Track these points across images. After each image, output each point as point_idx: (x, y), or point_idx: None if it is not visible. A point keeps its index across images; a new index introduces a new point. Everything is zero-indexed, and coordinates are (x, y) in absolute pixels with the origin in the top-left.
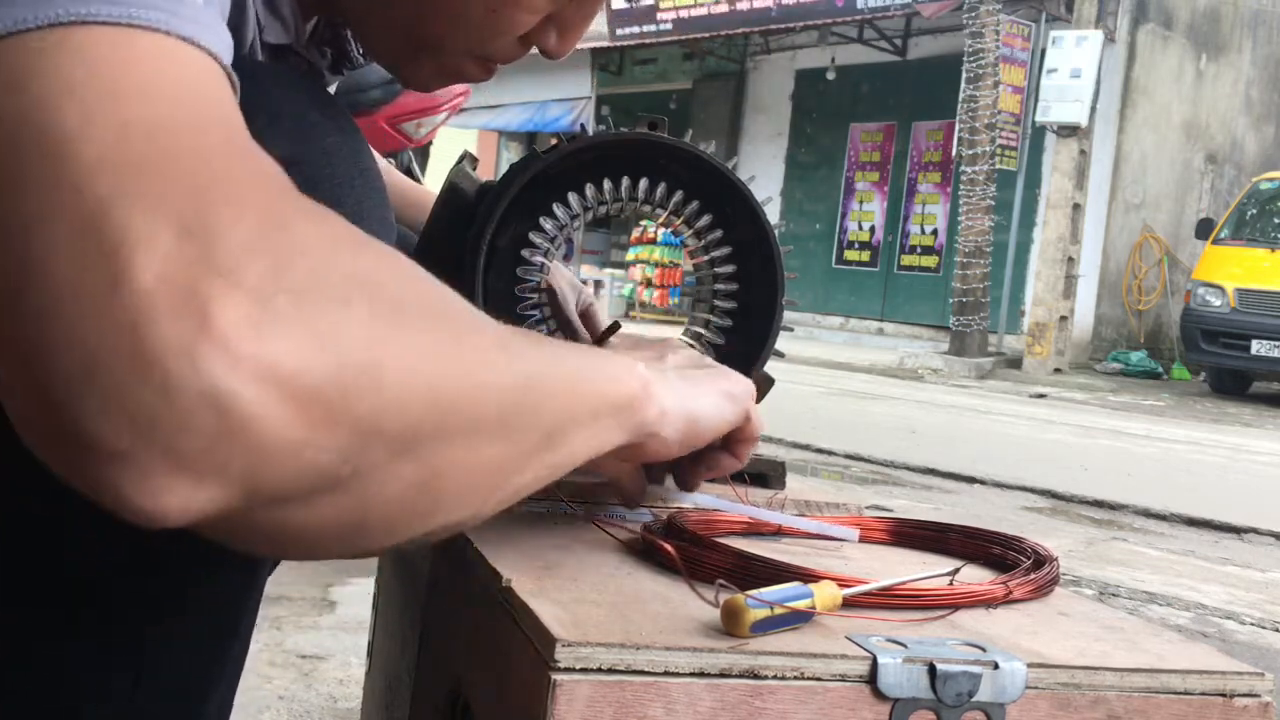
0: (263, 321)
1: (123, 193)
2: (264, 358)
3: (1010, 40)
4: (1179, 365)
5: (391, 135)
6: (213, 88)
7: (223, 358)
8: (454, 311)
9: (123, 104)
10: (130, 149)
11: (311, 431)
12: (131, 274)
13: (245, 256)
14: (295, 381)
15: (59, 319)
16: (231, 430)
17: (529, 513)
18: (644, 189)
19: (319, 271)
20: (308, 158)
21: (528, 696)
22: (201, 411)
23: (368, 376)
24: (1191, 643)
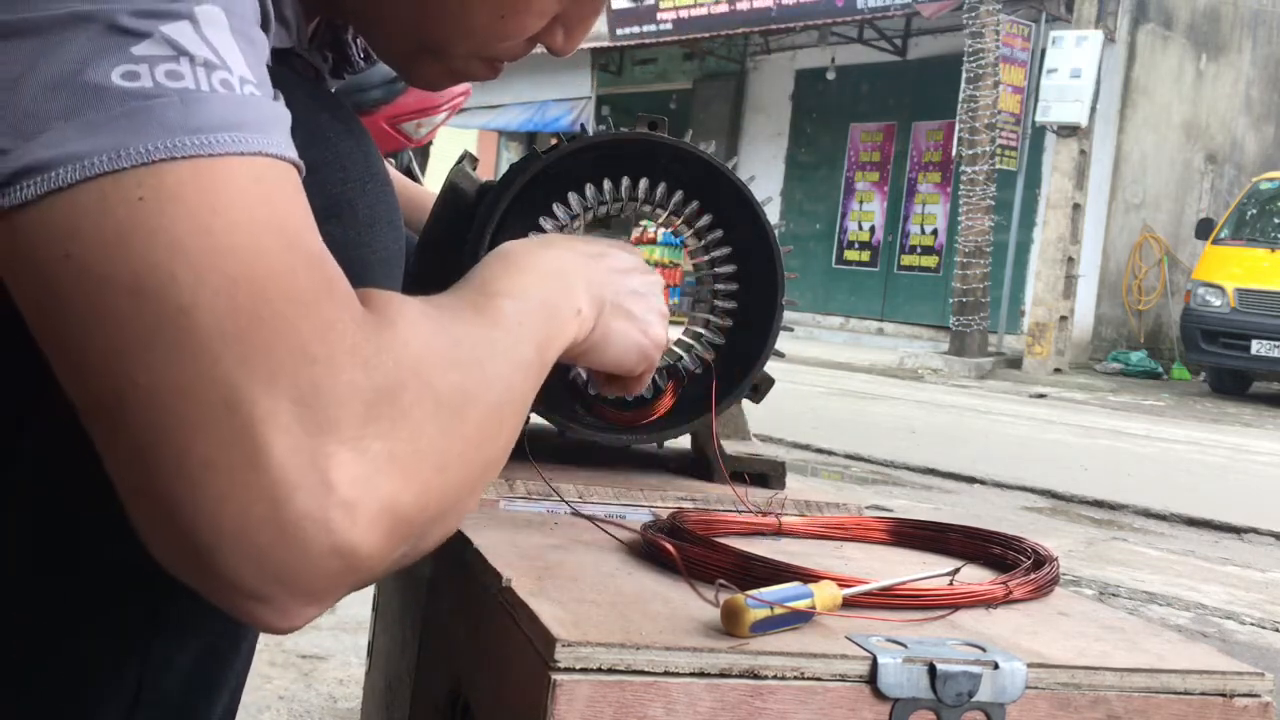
0: (366, 472)
1: (244, 367)
2: (373, 506)
3: (1010, 40)
4: (1179, 365)
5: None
6: (290, 204)
7: (346, 517)
8: (483, 374)
9: (225, 259)
10: (241, 313)
11: (401, 544)
12: (266, 452)
13: (345, 409)
14: (393, 515)
15: (205, 491)
16: (351, 567)
17: (529, 513)
18: (644, 189)
19: (394, 403)
20: (322, 163)
21: (528, 696)
22: (331, 561)
23: (437, 486)
24: (1191, 643)
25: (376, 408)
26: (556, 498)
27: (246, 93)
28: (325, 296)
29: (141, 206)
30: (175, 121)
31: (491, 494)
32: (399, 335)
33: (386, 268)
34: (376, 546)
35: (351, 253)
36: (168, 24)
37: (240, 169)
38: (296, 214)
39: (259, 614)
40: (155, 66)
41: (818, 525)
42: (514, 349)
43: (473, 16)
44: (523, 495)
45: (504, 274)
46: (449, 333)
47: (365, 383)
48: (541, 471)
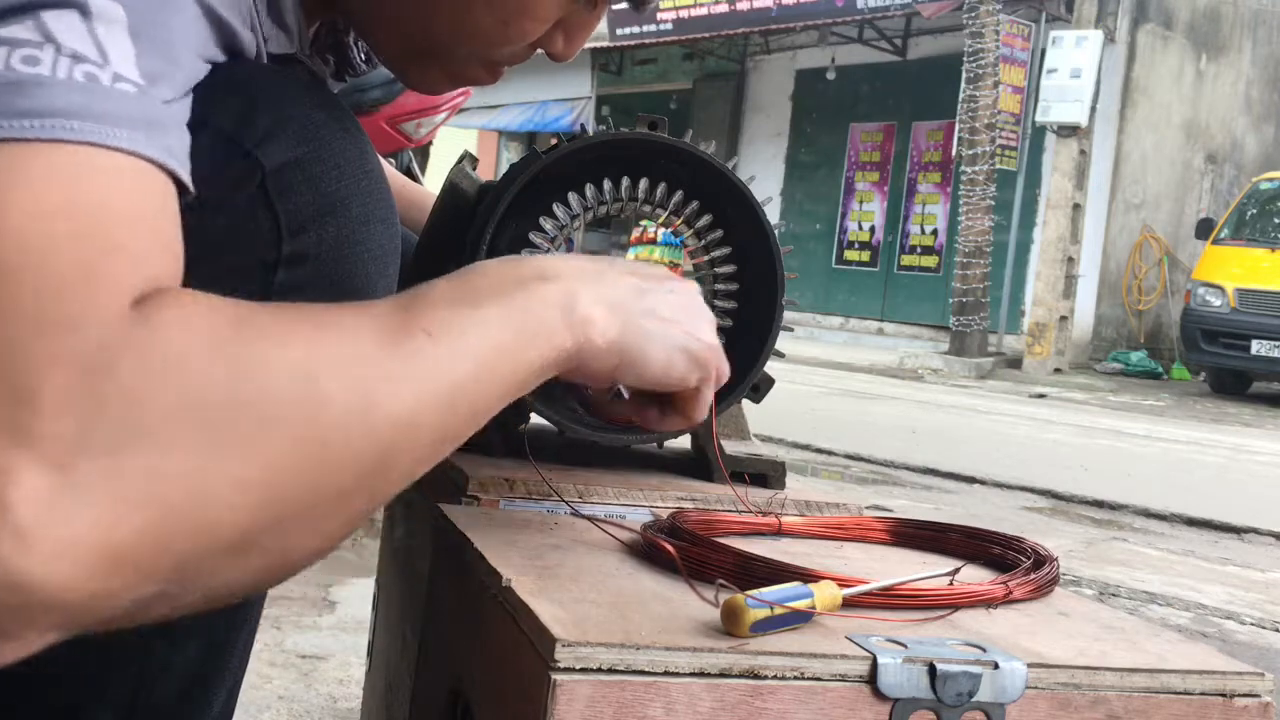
0: (62, 497)
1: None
2: (61, 536)
3: (1010, 40)
4: (1179, 365)
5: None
6: (105, 197)
7: (17, 546)
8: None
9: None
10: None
11: (125, 580)
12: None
13: (50, 419)
14: (100, 547)
15: None
16: (37, 604)
17: (529, 513)
18: (644, 189)
19: (135, 416)
20: (315, 160)
21: (528, 696)
22: (3, 595)
23: (190, 515)
24: (1191, 643)
25: (99, 420)
26: (556, 498)
27: (116, 88)
28: (80, 289)
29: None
30: (5, 104)
31: (491, 494)
32: (165, 336)
33: (381, 265)
34: (73, 581)
35: (346, 250)
36: (52, 10)
37: (57, 155)
38: (111, 204)
39: None
40: (15, 49)
41: (818, 525)
42: (408, 362)
43: (475, 20)
44: (523, 495)
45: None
46: (271, 337)
47: (86, 390)
48: (541, 471)
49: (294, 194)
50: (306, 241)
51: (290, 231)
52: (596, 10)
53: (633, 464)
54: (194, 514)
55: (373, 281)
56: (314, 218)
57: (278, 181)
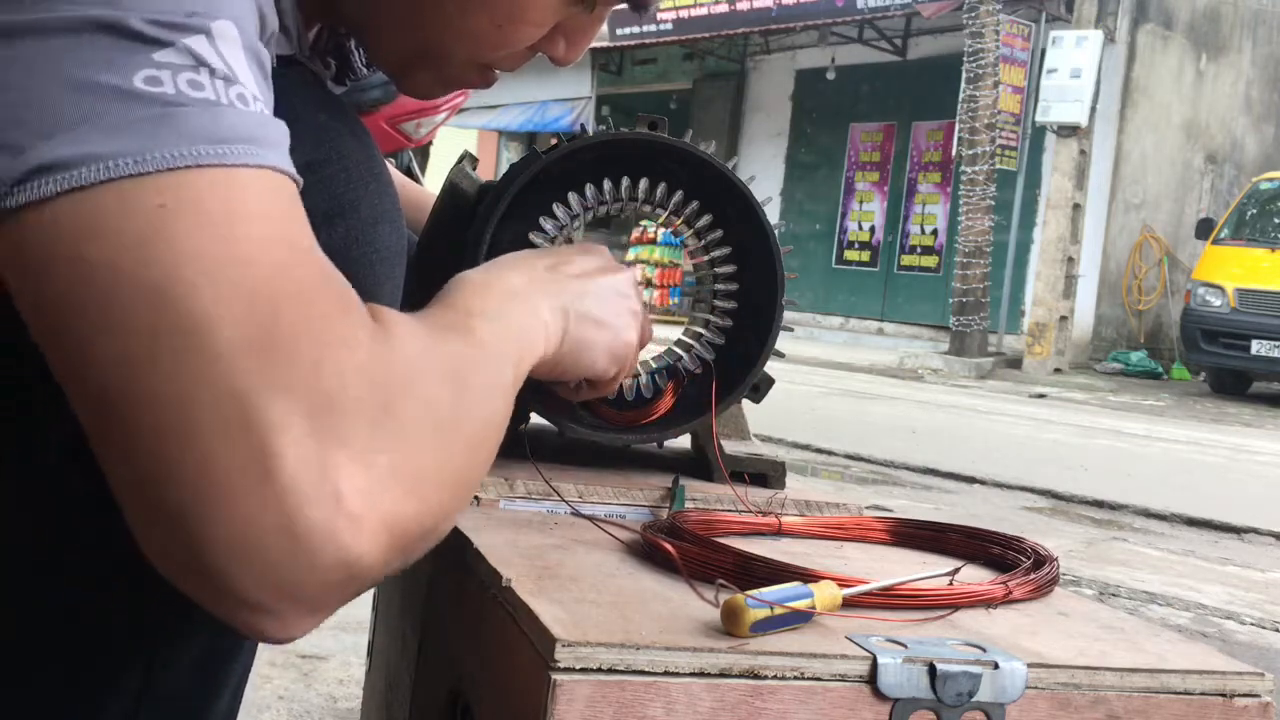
0: (371, 485)
1: (260, 378)
2: (377, 519)
3: (1010, 40)
4: (1179, 365)
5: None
6: (299, 221)
7: (352, 529)
8: (470, 396)
9: (245, 270)
10: (257, 325)
11: (398, 557)
12: (279, 463)
13: (353, 422)
14: (394, 528)
15: (215, 499)
16: (353, 579)
17: (529, 513)
18: (644, 189)
19: (397, 418)
20: (324, 162)
21: (528, 696)
22: (336, 573)
23: (434, 500)
24: (1191, 643)
25: (382, 422)
26: (556, 498)
27: (257, 109)
28: (338, 311)
29: (163, 213)
30: (198, 130)
31: (491, 494)
32: (399, 351)
33: (388, 266)
34: (376, 558)
35: (354, 251)
36: (187, 36)
37: (256, 182)
38: (304, 230)
39: (260, 625)
40: (178, 74)
41: (818, 525)
42: (492, 368)
43: (471, 24)
44: (523, 495)
45: (473, 295)
46: (440, 349)
47: (372, 398)
48: (541, 471)
49: (304, 196)
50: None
51: None
52: (596, 14)
53: (633, 464)
54: (436, 499)
55: (380, 282)
56: (323, 219)
57: None
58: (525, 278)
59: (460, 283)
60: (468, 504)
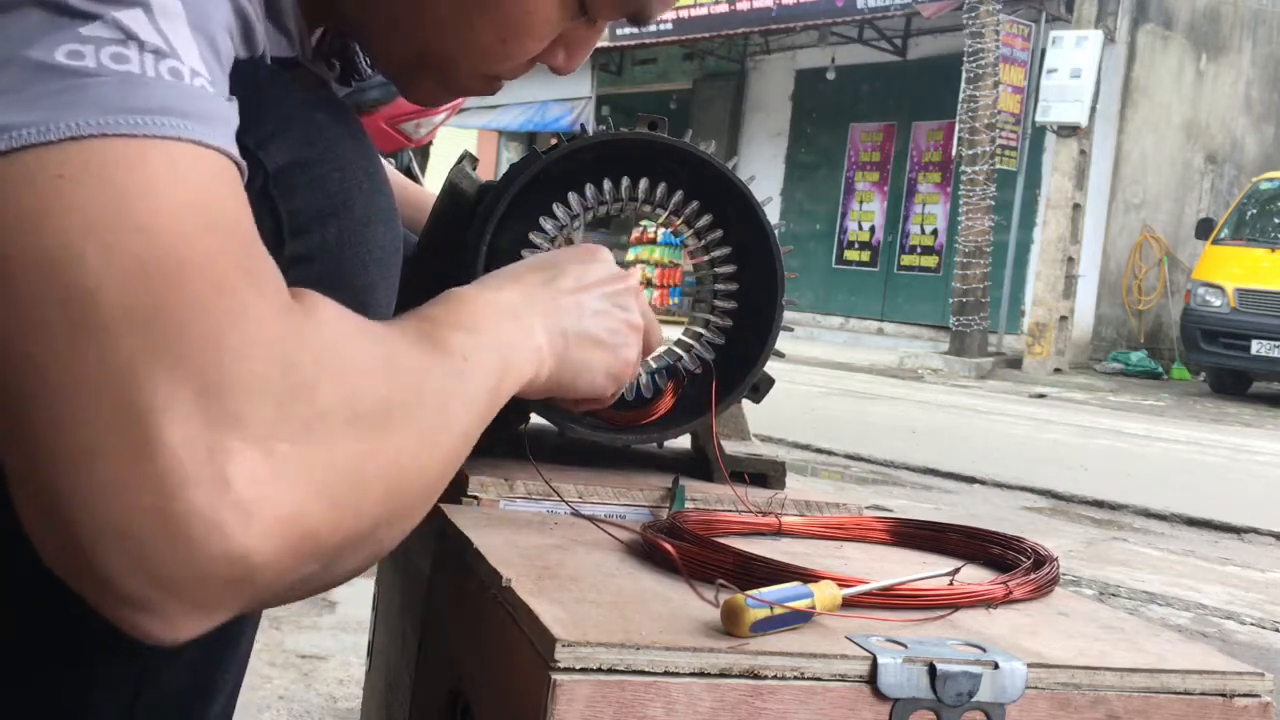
0: (272, 475)
1: (146, 352)
2: (274, 512)
3: (1010, 40)
4: (1179, 365)
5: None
6: (224, 196)
7: (239, 519)
8: (418, 396)
9: (140, 239)
10: (149, 296)
11: (306, 558)
12: (158, 441)
13: (254, 404)
14: (297, 525)
15: (89, 480)
16: (243, 576)
17: (529, 513)
18: (644, 189)
19: (311, 405)
20: (318, 161)
21: (528, 696)
22: (220, 566)
23: (352, 502)
24: (1191, 643)
25: (290, 406)
26: (556, 498)
27: (196, 85)
28: (246, 285)
29: (60, 184)
30: (112, 100)
31: (491, 494)
32: (325, 335)
33: (383, 267)
34: (273, 557)
35: (349, 251)
36: (120, 10)
37: (174, 153)
38: (228, 206)
39: (143, 624)
40: (101, 48)
41: (818, 525)
42: (457, 379)
43: (474, 37)
44: (523, 495)
45: (456, 308)
46: (382, 346)
47: (280, 379)
48: (541, 471)
49: (297, 195)
50: (310, 242)
51: (293, 232)
52: (596, 27)
53: (633, 464)
54: (354, 500)
55: (375, 282)
56: (317, 218)
57: (281, 182)
58: (521, 295)
59: (447, 296)
60: (415, 516)
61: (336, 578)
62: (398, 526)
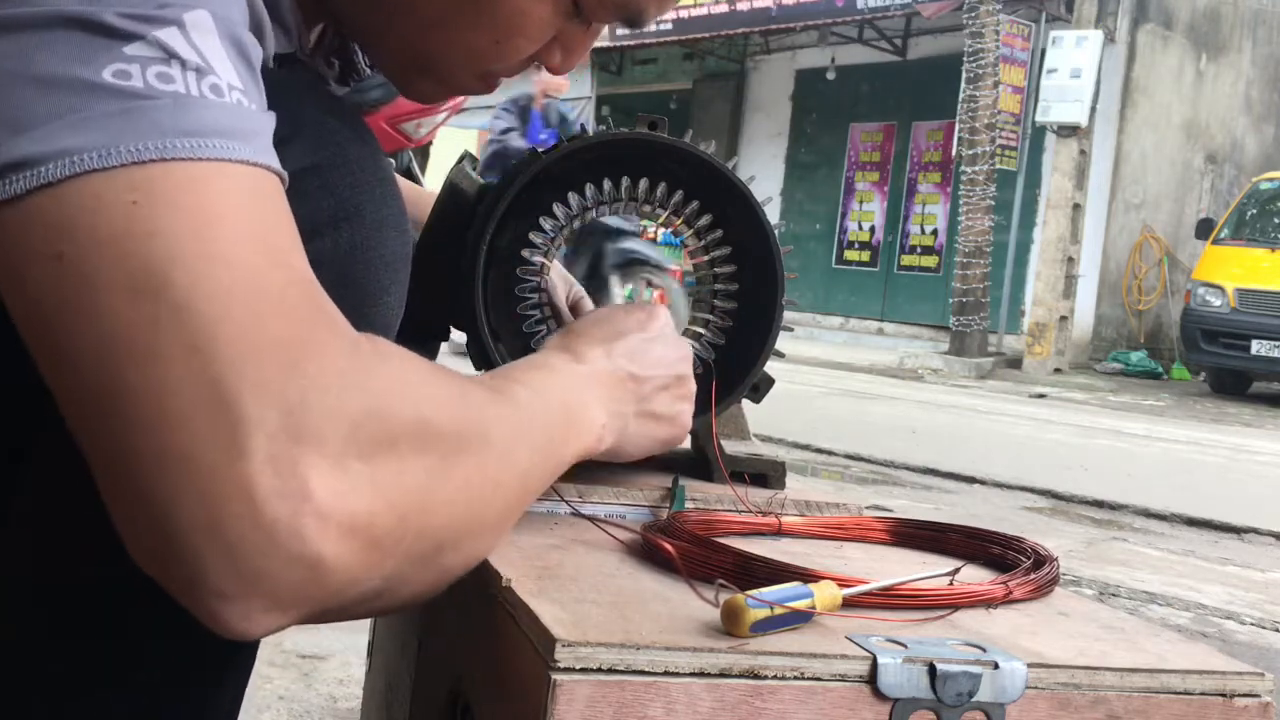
0: (347, 489)
1: (235, 373)
2: (346, 521)
3: (1010, 40)
4: (1179, 365)
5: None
6: (278, 217)
7: (319, 527)
8: (483, 430)
9: (221, 268)
10: (234, 321)
11: (371, 570)
12: (249, 453)
13: (331, 425)
14: (367, 536)
15: (186, 483)
16: (317, 578)
17: (529, 513)
18: (644, 189)
19: (382, 429)
20: (329, 166)
21: (528, 696)
22: (299, 568)
23: (416, 521)
24: (1191, 643)
25: (363, 429)
26: (556, 498)
27: (234, 99)
28: (317, 317)
29: (135, 209)
30: (167, 123)
31: None
32: (394, 368)
33: (393, 272)
34: (344, 563)
35: (359, 254)
36: (158, 28)
37: (231, 176)
38: (284, 230)
39: (222, 614)
40: (147, 68)
41: (818, 525)
42: (522, 426)
43: (468, 39)
44: None
45: (527, 370)
46: (455, 383)
47: (354, 404)
48: None
49: (310, 200)
50: (321, 247)
51: (305, 236)
52: (591, 29)
53: (633, 464)
54: (418, 520)
55: (385, 287)
56: (329, 223)
57: (293, 188)
58: (586, 371)
59: (528, 361)
60: (479, 545)
61: (399, 598)
62: (462, 553)
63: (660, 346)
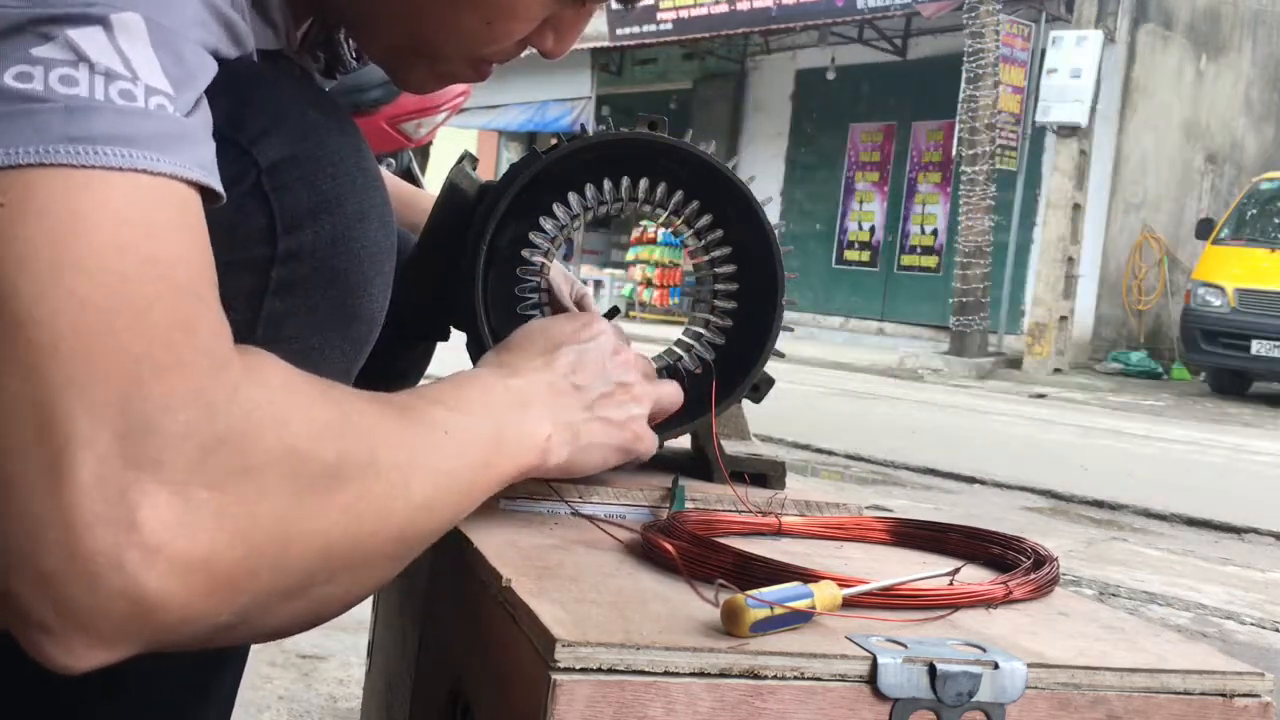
0: (184, 520)
1: (70, 387)
2: (180, 556)
3: (1010, 40)
4: (1179, 365)
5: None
6: (167, 232)
7: (144, 560)
8: (370, 456)
9: (77, 277)
10: (77, 337)
11: (215, 605)
12: (72, 476)
13: (175, 449)
14: (205, 571)
15: (6, 508)
16: (143, 615)
17: (529, 513)
18: (644, 189)
19: (241, 456)
20: (311, 158)
21: (528, 696)
22: (120, 603)
23: (273, 554)
24: (1191, 643)
25: (214, 455)
26: (556, 498)
27: (151, 105)
28: (180, 334)
29: (1, 213)
30: (55, 129)
31: None
32: (264, 390)
33: (376, 263)
34: (176, 600)
35: (340, 247)
36: (77, 28)
37: (116, 185)
38: (174, 243)
39: (44, 648)
40: (50, 70)
41: (818, 525)
42: (428, 449)
43: (460, 20)
44: (523, 495)
45: (452, 389)
46: (337, 408)
47: (205, 427)
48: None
49: (289, 191)
50: (302, 238)
51: (285, 228)
52: (585, 8)
53: (632, 464)
54: (275, 553)
55: (368, 278)
56: (309, 214)
57: (273, 178)
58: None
59: (450, 377)
60: (362, 579)
61: (267, 627)
62: (340, 586)
63: (598, 354)
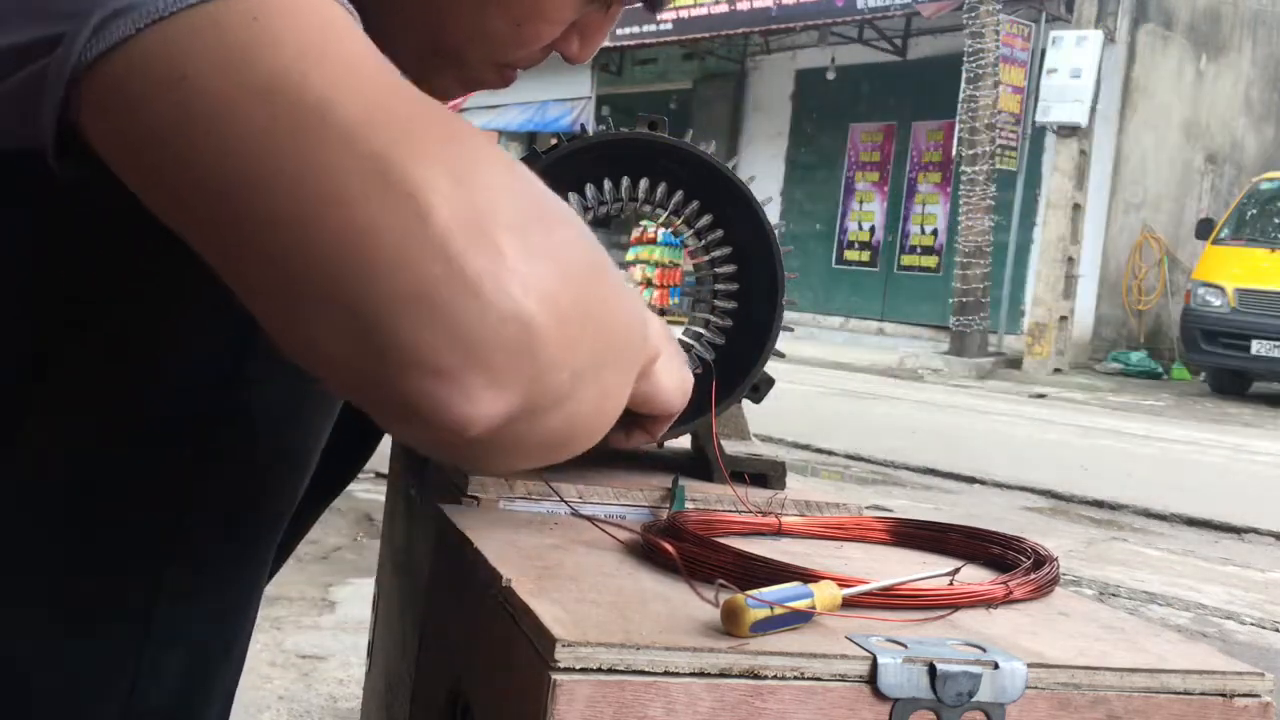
0: (530, 253)
1: (397, 146)
2: (540, 284)
3: (1010, 40)
4: (1179, 365)
5: None
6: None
7: (520, 283)
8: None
9: (353, 62)
10: (381, 106)
11: (566, 351)
12: (433, 212)
13: (500, 197)
14: (557, 305)
15: (375, 257)
16: (529, 345)
17: (529, 513)
18: (644, 189)
19: (540, 206)
20: None
21: (528, 696)
22: (510, 329)
23: (591, 305)
24: (1191, 643)
25: (527, 204)
26: (556, 498)
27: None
28: (448, 113)
29: (256, 24)
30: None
31: (491, 494)
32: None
33: None
34: (549, 330)
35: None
36: None
37: (334, 6)
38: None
39: (443, 396)
40: None
41: (818, 525)
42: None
43: (488, 23)
44: (522, 495)
45: None
46: None
47: (515, 184)
48: (542, 471)
49: None
50: None
51: None
52: (611, 11)
53: (633, 464)
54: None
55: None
56: None
57: None
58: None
59: None
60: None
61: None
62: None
63: None
